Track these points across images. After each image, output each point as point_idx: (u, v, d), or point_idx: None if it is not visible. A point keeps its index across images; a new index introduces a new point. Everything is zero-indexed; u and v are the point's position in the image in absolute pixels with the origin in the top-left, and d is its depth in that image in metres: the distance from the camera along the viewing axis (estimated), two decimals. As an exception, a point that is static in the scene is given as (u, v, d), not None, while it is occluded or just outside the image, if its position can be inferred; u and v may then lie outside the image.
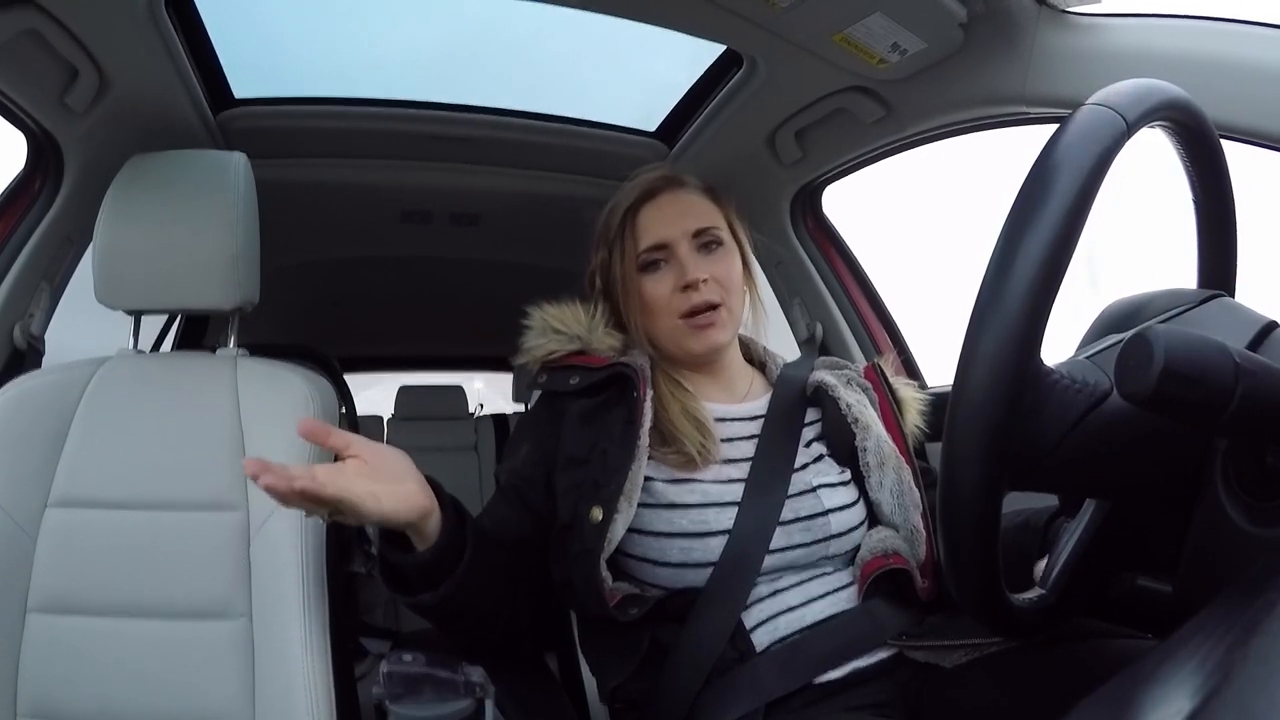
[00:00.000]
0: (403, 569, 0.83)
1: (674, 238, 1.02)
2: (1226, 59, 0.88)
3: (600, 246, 1.08)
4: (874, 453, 0.99)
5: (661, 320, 1.02)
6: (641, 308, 1.03)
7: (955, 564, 0.57)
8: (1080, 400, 0.55)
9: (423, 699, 0.74)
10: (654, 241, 1.02)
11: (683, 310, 1.00)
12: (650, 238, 1.03)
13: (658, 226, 1.03)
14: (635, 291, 1.03)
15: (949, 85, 1.18)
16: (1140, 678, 0.39)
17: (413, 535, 0.82)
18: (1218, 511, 0.56)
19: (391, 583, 0.85)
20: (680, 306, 1.00)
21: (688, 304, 1.00)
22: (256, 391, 1.07)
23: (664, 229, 1.02)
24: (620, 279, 1.04)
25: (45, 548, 0.99)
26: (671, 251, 1.02)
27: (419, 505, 0.79)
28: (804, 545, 0.94)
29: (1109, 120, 0.53)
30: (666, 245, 1.02)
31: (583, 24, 1.22)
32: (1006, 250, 0.51)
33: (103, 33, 1.10)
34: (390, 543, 0.83)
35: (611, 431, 0.96)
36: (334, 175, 1.65)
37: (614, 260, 1.05)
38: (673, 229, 1.02)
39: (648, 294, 1.02)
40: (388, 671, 0.75)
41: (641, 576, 0.93)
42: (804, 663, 0.88)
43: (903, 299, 1.83)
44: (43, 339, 1.32)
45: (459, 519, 0.84)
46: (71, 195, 1.28)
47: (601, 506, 0.90)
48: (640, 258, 1.03)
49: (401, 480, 0.79)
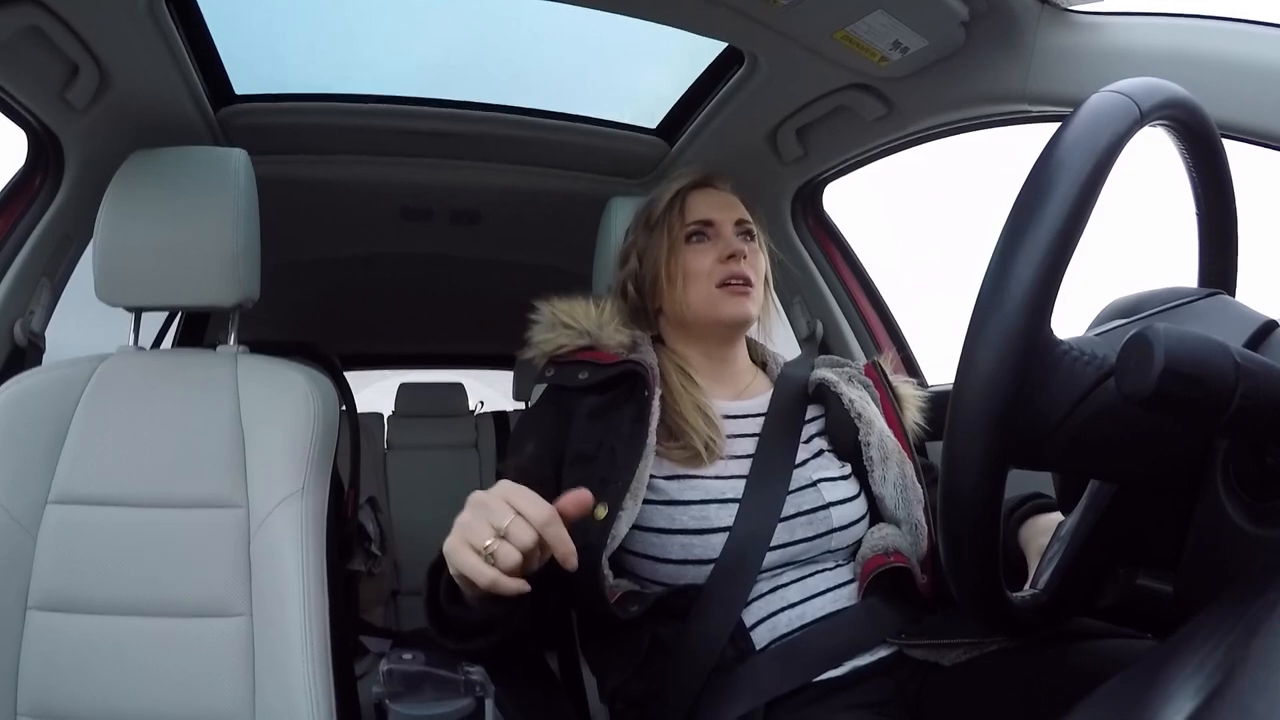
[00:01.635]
0: (460, 620, 0.80)
1: (720, 219, 1.09)
2: (1228, 58, 0.88)
3: (640, 228, 1.13)
4: (878, 447, 1.00)
5: (699, 287, 1.05)
6: (683, 276, 1.06)
7: (954, 552, 0.57)
8: (1088, 373, 0.55)
9: (423, 698, 0.73)
10: (703, 217, 1.09)
11: (721, 278, 1.04)
12: (699, 214, 1.09)
13: (707, 207, 1.10)
14: (679, 261, 1.07)
15: (950, 83, 1.18)
16: (1140, 678, 0.39)
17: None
18: (1218, 511, 0.56)
19: (441, 630, 0.82)
20: (719, 275, 1.05)
21: (727, 272, 1.04)
22: (257, 389, 1.07)
23: (712, 211, 1.09)
24: (664, 251, 1.08)
25: (45, 545, 0.99)
26: (717, 230, 1.08)
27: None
28: (806, 540, 0.94)
29: (1125, 106, 0.54)
30: (713, 223, 1.08)
31: (584, 21, 1.21)
32: (1020, 218, 0.52)
33: (103, 29, 1.10)
34: (450, 597, 0.80)
35: (620, 429, 0.96)
36: (335, 172, 1.65)
37: (657, 236, 1.09)
38: (720, 213, 1.09)
39: (691, 263, 1.06)
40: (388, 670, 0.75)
41: (642, 573, 0.93)
42: (804, 661, 0.88)
43: (903, 297, 1.83)
44: (43, 336, 1.32)
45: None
46: (72, 192, 1.28)
47: (607, 503, 0.91)
48: (688, 228, 1.08)
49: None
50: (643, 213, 1.14)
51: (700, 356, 1.08)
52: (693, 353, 1.08)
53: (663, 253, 1.08)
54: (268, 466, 1.03)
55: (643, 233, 1.12)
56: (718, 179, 1.14)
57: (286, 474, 1.02)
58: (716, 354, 1.09)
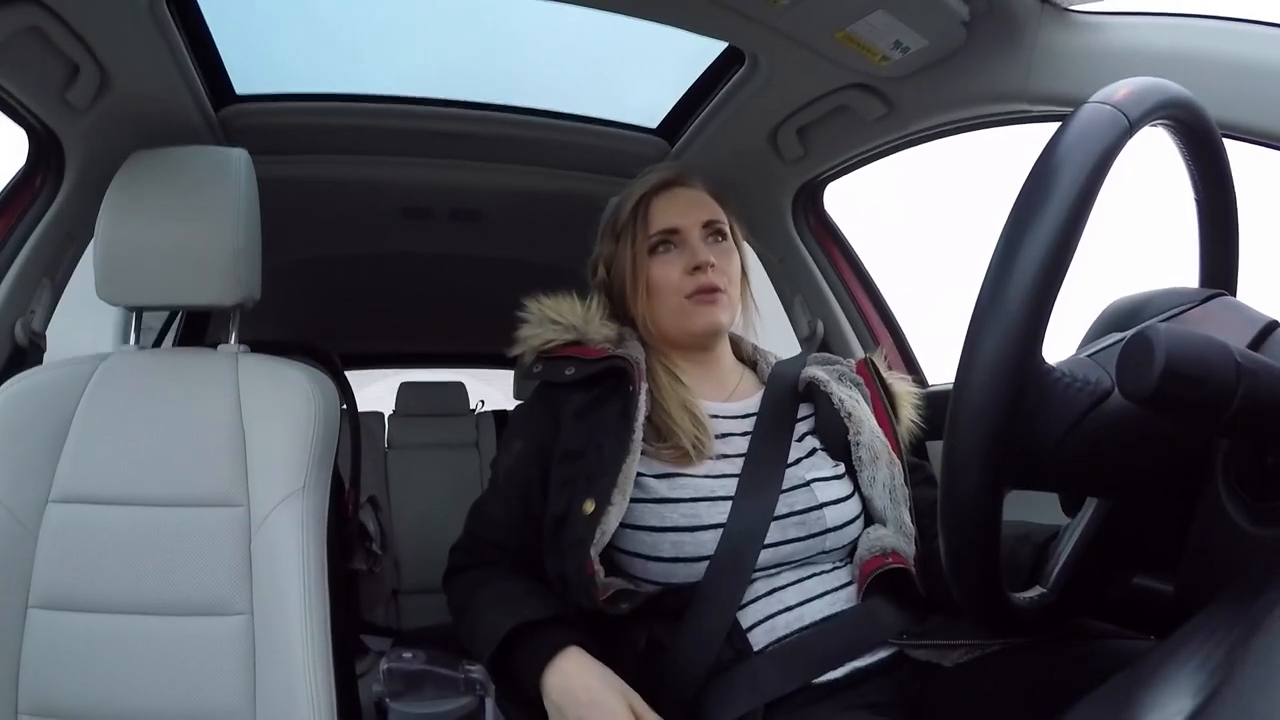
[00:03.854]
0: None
1: (685, 225, 1.05)
2: (1228, 57, 0.88)
3: (607, 237, 1.11)
4: (867, 447, 1.00)
5: (667, 300, 1.04)
6: (649, 289, 1.05)
7: (956, 563, 0.57)
8: (1082, 398, 0.55)
9: (423, 696, 0.74)
10: (666, 226, 1.06)
11: (689, 290, 1.03)
12: (663, 222, 1.06)
13: (670, 214, 1.06)
14: (644, 274, 1.05)
15: (951, 83, 1.18)
16: (1141, 677, 0.39)
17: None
18: (1218, 512, 0.56)
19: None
20: (687, 287, 1.03)
21: (695, 284, 1.03)
22: (258, 388, 1.07)
23: (676, 217, 1.06)
24: (629, 263, 1.06)
25: (46, 544, 0.99)
26: (683, 238, 1.05)
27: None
28: (799, 540, 0.94)
29: (1111, 118, 0.53)
30: (678, 231, 1.05)
31: (584, 21, 1.21)
32: (1008, 248, 0.51)
33: (104, 29, 1.10)
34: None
35: (607, 425, 0.97)
36: (335, 171, 1.65)
37: (622, 247, 1.07)
38: (685, 218, 1.06)
39: (656, 276, 1.05)
40: (388, 669, 0.75)
41: (634, 572, 0.94)
42: (804, 662, 0.88)
43: (904, 296, 1.82)
44: (44, 335, 1.32)
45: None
46: (73, 191, 1.28)
47: (594, 499, 0.91)
48: (652, 239, 1.05)
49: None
50: (609, 220, 1.12)
51: (683, 359, 1.08)
52: (675, 356, 1.08)
53: (628, 264, 1.06)
54: (269, 465, 1.03)
55: (609, 241, 1.10)
56: (683, 177, 1.11)
57: (287, 473, 1.02)
58: (698, 358, 1.09)
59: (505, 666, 0.89)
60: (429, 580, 1.32)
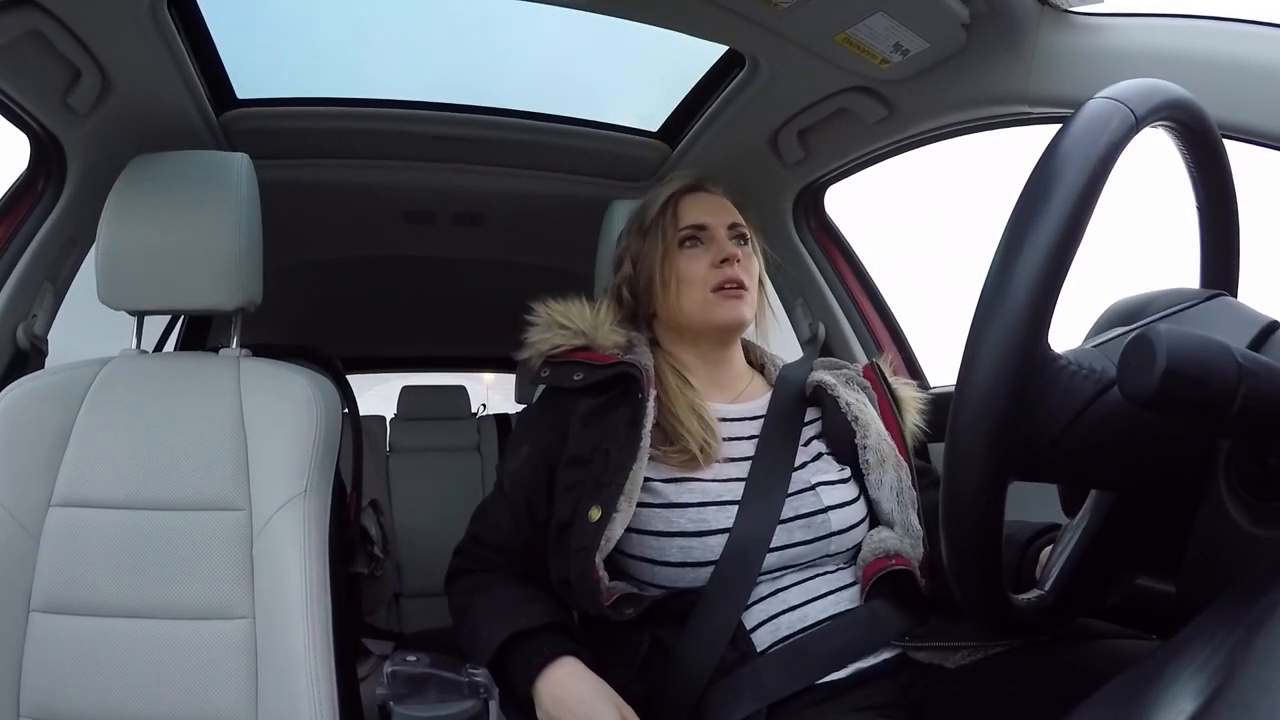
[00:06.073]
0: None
1: (713, 223, 1.08)
2: (1229, 58, 0.88)
3: (634, 233, 1.13)
4: (874, 450, 1.00)
5: (693, 293, 1.05)
6: (676, 281, 1.06)
7: (957, 559, 0.57)
8: (1087, 387, 0.55)
9: (427, 699, 0.73)
10: (696, 221, 1.08)
11: (716, 283, 1.04)
12: (692, 218, 1.09)
13: (699, 212, 1.09)
14: (673, 266, 1.07)
15: (951, 85, 1.18)
16: (1143, 678, 0.39)
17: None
18: (1220, 512, 0.56)
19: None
20: (713, 280, 1.04)
21: (721, 277, 1.04)
22: (259, 392, 1.07)
23: (705, 215, 1.09)
24: (659, 256, 1.08)
25: (48, 548, 0.99)
26: (710, 234, 1.08)
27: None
28: (805, 543, 0.94)
29: (1119, 113, 0.53)
30: (706, 227, 1.08)
31: (585, 25, 1.22)
32: (1015, 234, 0.51)
33: (105, 34, 1.10)
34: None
35: (615, 431, 0.97)
36: (336, 176, 1.65)
37: (651, 241, 1.09)
38: (713, 217, 1.09)
39: (684, 268, 1.06)
40: (392, 671, 0.75)
41: (641, 576, 0.93)
42: (807, 663, 0.88)
43: (906, 299, 1.82)
44: (46, 339, 1.32)
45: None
46: (74, 196, 1.28)
47: (600, 505, 0.91)
48: (681, 233, 1.07)
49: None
50: (636, 217, 1.14)
51: (696, 360, 1.08)
52: (688, 356, 1.08)
53: (656, 258, 1.08)
54: (270, 469, 1.03)
55: (636, 237, 1.12)
56: (710, 182, 1.14)
57: (289, 477, 1.02)
58: (712, 357, 1.09)
59: (502, 673, 0.89)
60: (430, 583, 1.32)
